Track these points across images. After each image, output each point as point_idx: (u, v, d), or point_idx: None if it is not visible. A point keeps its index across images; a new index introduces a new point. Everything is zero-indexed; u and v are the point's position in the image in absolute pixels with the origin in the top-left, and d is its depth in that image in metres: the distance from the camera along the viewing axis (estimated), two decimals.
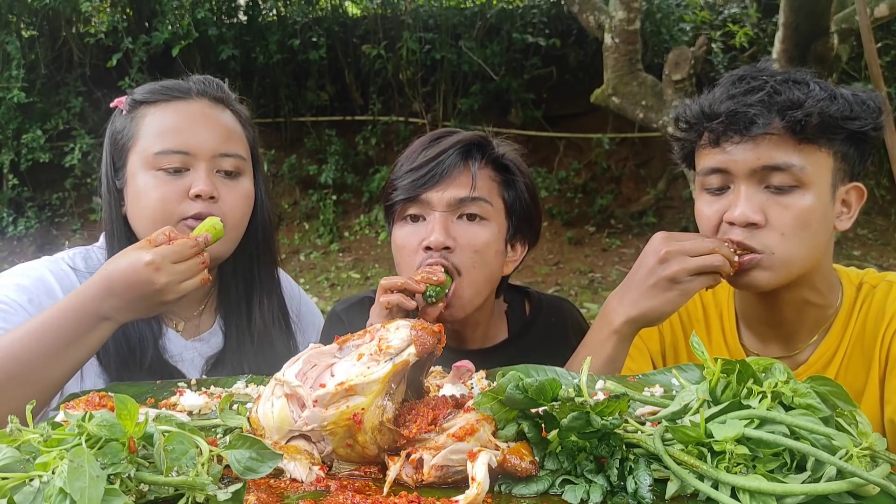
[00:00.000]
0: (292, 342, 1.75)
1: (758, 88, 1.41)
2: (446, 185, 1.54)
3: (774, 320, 1.55)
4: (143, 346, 1.56)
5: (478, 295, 1.57)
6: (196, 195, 1.52)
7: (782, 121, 1.37)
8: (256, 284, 1.70)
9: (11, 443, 0.86)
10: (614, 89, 5.67)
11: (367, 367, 1.01)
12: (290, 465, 0.99)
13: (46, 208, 8.46)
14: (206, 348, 1.68)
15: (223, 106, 1.61)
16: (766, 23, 7.54)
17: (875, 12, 4.87)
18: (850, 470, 0.88)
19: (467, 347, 1.68)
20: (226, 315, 1.71)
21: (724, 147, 1.42)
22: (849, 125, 1.40)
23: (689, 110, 1.49)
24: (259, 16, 8.47)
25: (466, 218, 1.56)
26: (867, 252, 6.96)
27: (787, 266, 1.42)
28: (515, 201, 1.62)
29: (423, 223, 1.56)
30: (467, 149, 1.58)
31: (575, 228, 7.87)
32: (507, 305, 1.77)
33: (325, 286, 7.16)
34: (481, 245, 1.55)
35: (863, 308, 1.53)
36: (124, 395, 0.87)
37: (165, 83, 1.62)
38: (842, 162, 1.44)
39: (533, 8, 8.31)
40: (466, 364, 1.28)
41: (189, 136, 1.54)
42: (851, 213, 1.49)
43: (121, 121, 1.60)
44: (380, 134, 8.35)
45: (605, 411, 0.98)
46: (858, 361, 1.51)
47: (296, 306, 1.83)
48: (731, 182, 1.44)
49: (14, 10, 8.06)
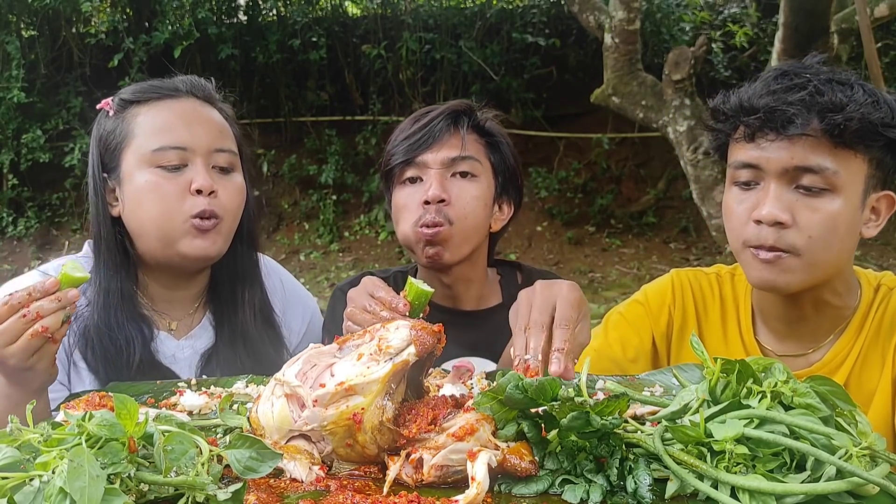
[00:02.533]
0: (271, 332, 1.74)
1: (800, 87, 1.37)
2: (439, 146, 1.71)
3: (791, 318, 1.54)
4: (129, 349, 1.55)
5: (466, 242, 1.73)
6: (197, 190, 1.53)
7: (821, 123, 1.34)
8: (240, 277, 1.71)
9: (11, 442, 0.86)
10: (614, 89, 5.67)
11: (367, 367, 1.01)
12: (290, 465, 0.99)
13: (46, 208, 8.46)
14: (199, 344, 1.68)
15: (210, 104, 1.63)
16: (766, 23, 7.54)
17: (875, 12, 4.87)
18: (850, 469, 0.88)
19: (462, 307, 1.82)
20: (215, 310, 1.71)
21: (758, 143, 1.39)
22: (889, 133, 1.36)
23: (726, 101, 1.46)
24: (259, 16, 8.48)
25: (459, 175, 1.72)
26: (867, 252, 6.96)
27: (812, 269, 1.40)
28: (501, 162, 1.79)
29: (420, 184, 1.71)
30: (455, 115, 1.75)
31: (575, 228, 7.87)
32: (501, 277, 1.92)
33: (325, 286, 7.16)
34: (472, 198, 1.71)
35: (879, 310, 1.52)
36: (124, 395, 0.87)
37: (153, 82, 1.62)
38: (876, 169, 1.41)
39: (533, 8, 8.31)
40: (466, 364, 1.28)
41: (185, 132, 1.55)
42: (880, 220, 1.46)
43: (110, 122, 1.59)
44: (380, 134, 8.35)
45: (605, 411, 0.98)
46: (873, 362, 1.50)
47: (280, 297, 1.82)
48: (762, 178, 1.41)
49: (14, 10, 8.06)
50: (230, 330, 1.68)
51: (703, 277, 1.70)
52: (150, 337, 1.61)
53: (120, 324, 1.56)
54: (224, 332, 1.68)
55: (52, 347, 1.27)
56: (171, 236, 1.54)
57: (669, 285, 1.70)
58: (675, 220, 7.81)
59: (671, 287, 1.70)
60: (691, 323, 1.66)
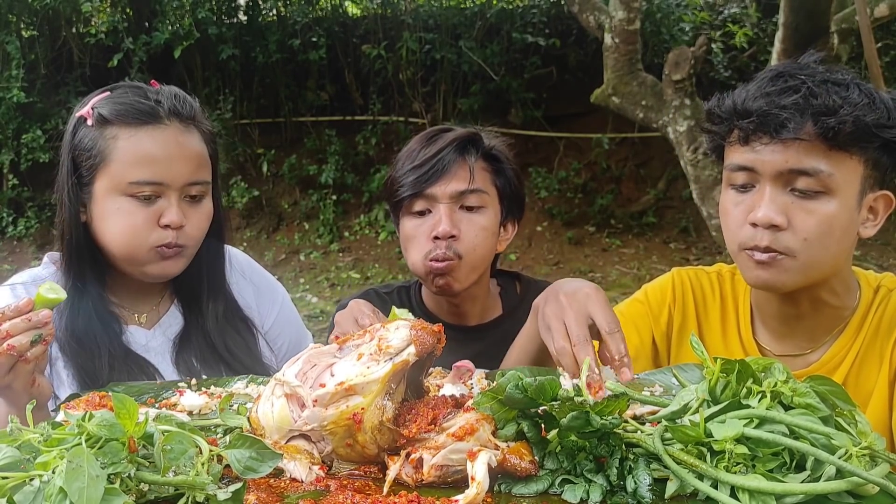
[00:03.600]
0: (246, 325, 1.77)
1: (793, 89, 1.37)
2: (447, 179, 1.73)
3: (789, 318, 1.54)
4: (101, 344, 1.58)
5: (474, 271, 1.78)
6: (166, 225, 1.55)
7: (814, 126, 1.33)
8: (204, 289, 1.73)
9: (11, 442, 0.86)
10: (614, 89, 5.67)
11: (367, 366, 1.01)
12: (290, 465, 0.99)
13: (46, 208, 8.45)
14: (170, 331, 1.71)
15: (192, 126, 1.62)
16: (766, 23, 7.54)
17: (875, 12, 4.86)
18: (850, 469, 0.88)
19: (467, 323, 1.88)
20: (182, 299, 1.75)
21: (752, 146, 1.39)
22: (884, 133, 1.36)
23: (721, 104, 1.45)
24: (259, 16, 8.47)
25: (467, 209, 1.76)
26: (867, 252, 6.95)
27: (808, 270, 1.40)
28: (506, 186, 1.83)
29: (429, 215, 1.75)
30: (463, 145, 1.77)
31: (575, 228, 7.86)
32: (501, 288, 1.96)
33: (325, 286, 7.16)
34: (481, 229, 1.75)
35: (878, 311, 1.52)
36: (123, 395, 0.87)
37: (134, 102, 1.58)
38: (872, 169, 1.40)
39: (533, 8, 8.31)
40: (466, 364, 1.28)
41: (163, 168, 1.55)
42: (878, 220, 1.46)
43: (88, 135, 1.58)
44: (380, 134, 8.35)
45: (605, 411, 0.98)
46: (871, 363, 1.50)
47: (249, 285, 1.84)
48: (757, 181, 1.41)
49: (14, 10, 8.06)
50: (201, 316, 1.71)
51: (703, 276, 1.70)
52: (121, 331, 1.64)
53: (90, 321, 1.58)
54: (194, 317, 1.72)
55: (25, 367, 1.29)
56: (136, 259, 1.58)
57: (670, 284, 1.70)
58: (675, 220, 7.80)
59: (672, 286, 1.70)
60: (691, 322, 1.66)
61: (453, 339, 1.55)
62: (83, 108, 1.60)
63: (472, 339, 1.83)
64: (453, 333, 1.63)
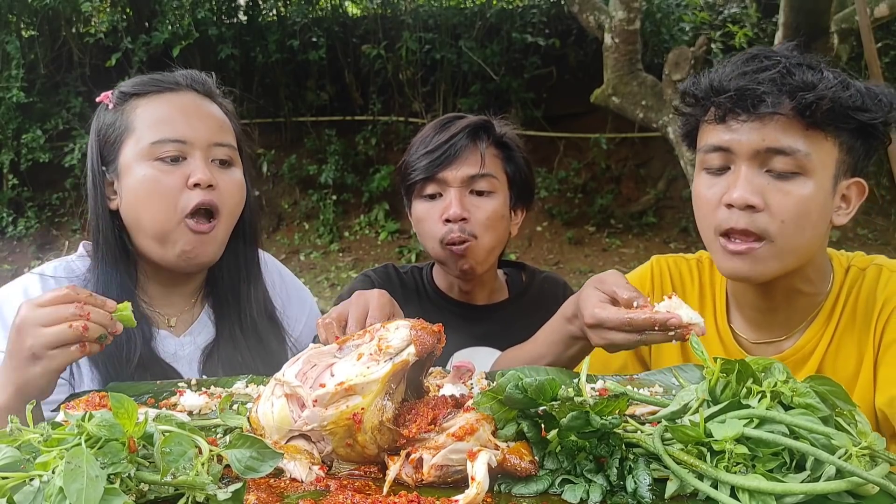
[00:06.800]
0: (273, 326, 1.74)
1: (770, 67, 1.37)
2: (459, 164, 1.79)
3: (764, 307, 1.54)
4: (130, 346, 1.54)
5: (491, 253, 1.85)
6: (195, 184, 1.52)
7: (792, 101, 1.33)
8: (243, 274, 1.70)
9: (11, 443, 0.86)
10: (614, 89, 5.67)
11: (367, 366, 1.01)
12: (290, 465, 0.99)
13: (46, 208, 8.46)
14: (199, 340, 1.68)
15: (210, 99, 1.63)
16: (766, 23, 7.55)
17: (875, 12, 4.87)
18: (850, 469, 0.88)
19: (476, 303, 1.95)
20: (215, 305, 1.71)
21: (729, 124, 1.39)
22: (859, 116, 1.36)
23: (697, 84, 1.45)
24: (259, 16, 8.48)
25: (477, 193, 1.81)
26: (867, 252, 6.94)
27: (785, 257, 1.39)
28: (516, 173, 1.88)
29: (440, 199, 1.81)
30: (475, 131, 1.83)
31: (575, 228, 7.87)
32: (507, 276, 2.05)
33: (325, 286, 7.16)
34: (491, 214, 1.81)
35: (851, 293, 1.51)
36: (122, 395, 0.87)
37: (154, 76, 1.62)
38: (847, 154, 1.40)
39: (533, 8, 8.32)
40: (467, 364, 1.28)
41: (184, 125, 1.55)
42: (850, 208, 1.46)
43: (109, 115, 1.59)
44: (380, 134, 8.36)
45: (605, 411, 0.98)
46: (849, 347, 1.49)
47: (280, 291, 1.83)
48: (733, 162, 1.40)
49: (14, 10, 8.06)
50: (232, 325, 1.68)
51: (683, 263, 1.70)
52: (150, 335, 1.60)
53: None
54: (225, 327, 1.68)
55: (74, 355, 1.27)
56: (167, 235, 1.53)
57: (649, 273, 1.71)
58: (675, 220, 7.81)
59: (650, 274, 1.70)
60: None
61: (462, 318, 1.88)
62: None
63: (480, 319, 1.91)
64: (462, 311, 1.92)
